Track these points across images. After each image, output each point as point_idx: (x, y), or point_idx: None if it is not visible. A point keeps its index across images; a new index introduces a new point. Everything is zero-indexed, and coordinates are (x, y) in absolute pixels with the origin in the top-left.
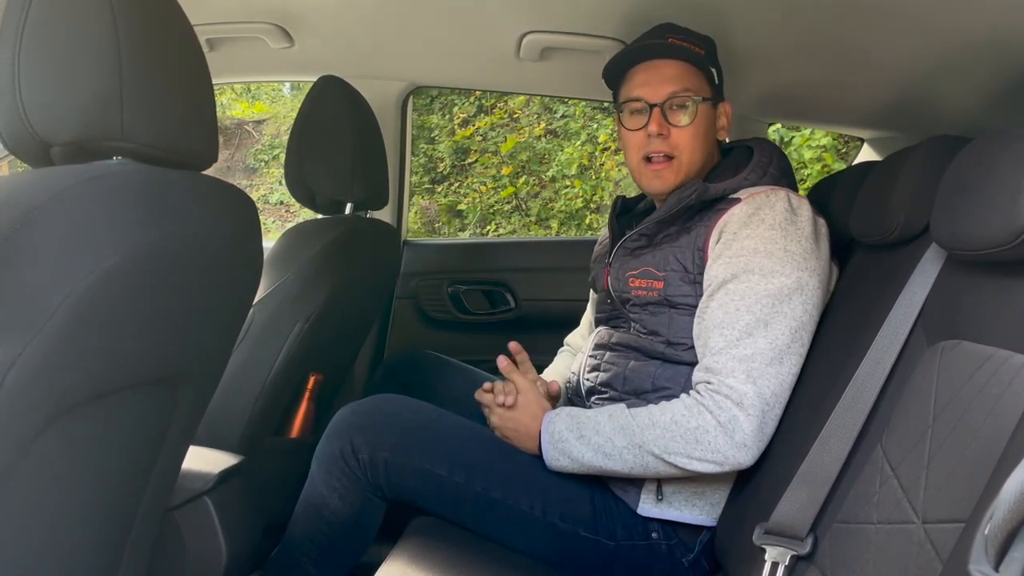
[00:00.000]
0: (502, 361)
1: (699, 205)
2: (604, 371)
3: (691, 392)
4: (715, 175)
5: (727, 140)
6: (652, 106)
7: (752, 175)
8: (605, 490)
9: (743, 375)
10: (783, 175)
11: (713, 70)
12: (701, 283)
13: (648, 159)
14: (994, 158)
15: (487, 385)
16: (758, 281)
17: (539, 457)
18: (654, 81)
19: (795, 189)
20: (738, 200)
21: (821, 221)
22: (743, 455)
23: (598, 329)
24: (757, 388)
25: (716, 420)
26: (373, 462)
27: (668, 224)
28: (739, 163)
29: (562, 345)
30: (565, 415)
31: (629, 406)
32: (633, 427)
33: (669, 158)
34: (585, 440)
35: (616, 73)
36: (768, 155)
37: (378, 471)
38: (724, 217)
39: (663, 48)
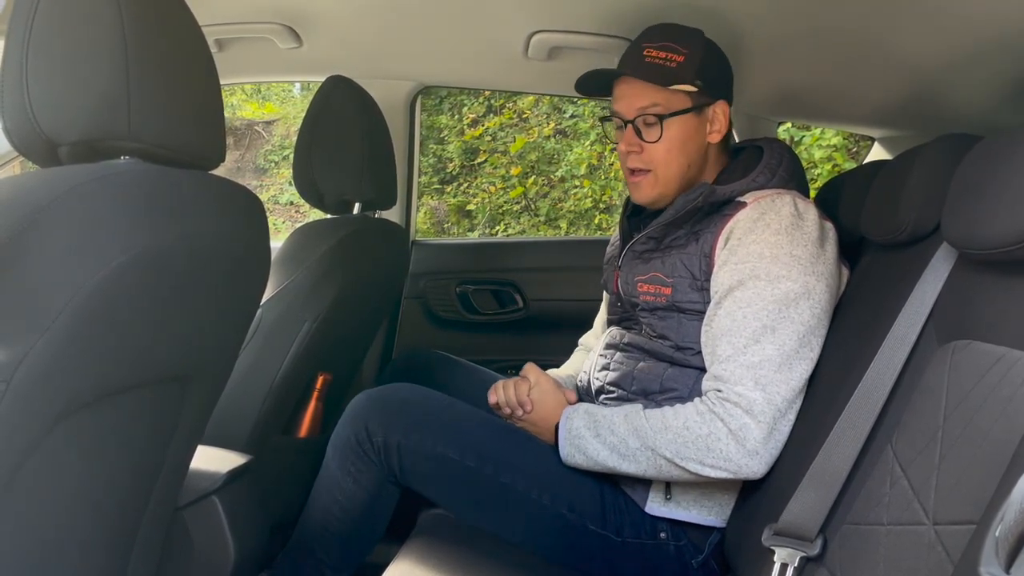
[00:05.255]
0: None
1: (707, 208)
2: (613, 371)
3: (703, 398)
4: (723, 177)
5: (735, 140)
6: (626, 122)
7: (760, 177)
8: (615, 487)
9: (751, 382)
10: (792, 177)
11: (697, 79)
12: (708, 290)
13: (631, 171)
14: (1005, 157)
15: (497, 385)
16: (764, 287)
17: (552, 448)
18: (627, 96)
19: (805, 190)
20: (744, 204)
21: (828, 225)
22: (755, 463)
23: (609, 329)
24: (766, 395)
25: (727, 428)
26: (387, 446)
27: (676, 227)
28: (749, 164)
29: (573, 344)
30: (583, 412)
31: (644, 407)
32: (647, 429)
33: (647, 171)
34: (601, 439)
35: (594, 90)
36: (778, 156)
37: (391, 455)
38: (730, 223)
39: (633, 66)
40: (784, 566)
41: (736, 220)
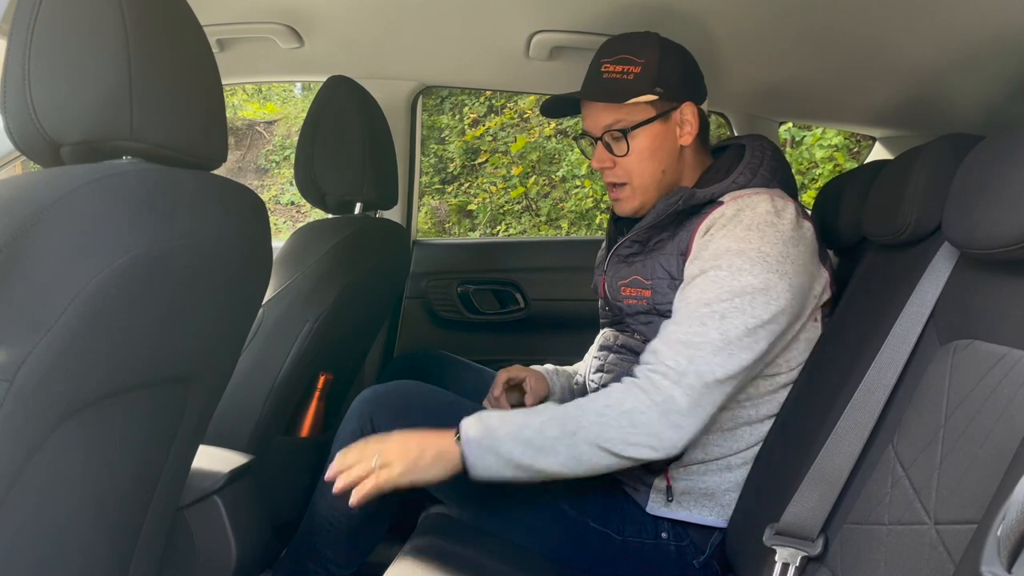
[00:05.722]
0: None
1: (689, 210)
2: (607, 372)
3: (629, 375)
4: (706, 178)
5: (733, 132)
6: (596, 140)
7: (741, 177)
8: (616, 486)
9: (685, 358)
10: (774, 175)
11: (656, 87)
12: None
13: (611, 185)
14: (1007, 156)
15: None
16: (724, 277)
17: None
18: (591, 116)
19: (790, 187)
20: (722, 203)
21: (808, 225)
22: (676, 435)
23: (603, 331)
24: (696, 368)
25: (650, 399)
26: None
27: (660, 230)
28: (731, 164)
29: (575, 344)
30: (487, 415)
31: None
32: (565, 417)
33: (623, 184)
34: (514, 436)
35: (563, 113)
36: (760, 155)
37: None
38: (707, 220)
39: (591, 86)
40: (786, 566)
41: (712, 218)
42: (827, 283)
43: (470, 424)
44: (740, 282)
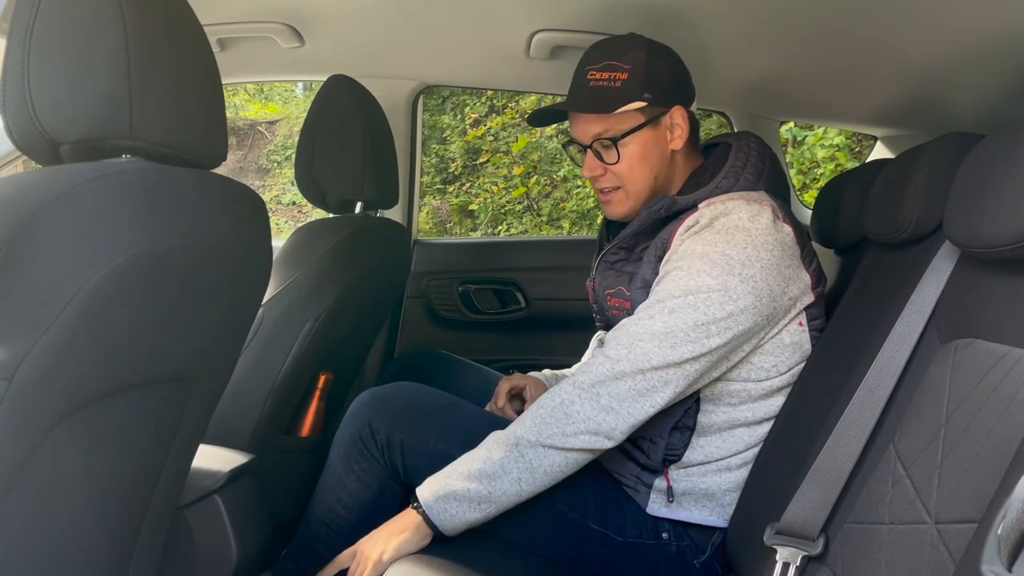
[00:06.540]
0: None
1: (671, 216)
2: None
3: None
4: (691, 182)
5: (733, 130)
6: (585, 148)
7: (725, 182)
8: (616, 487)
9: (625, 347)
10: (759, 176)
11: (645, 93)
12: None
13: (601, 191)
14: (1008, 155)
15: None
16: (682, 277)
17: None
18: (579, 125)
19: (777, 187)
20: (698, 209)
21: (787, 228)
22: (614, 419)
23: (598, 333)
24: (633, 355)
25: (580, 388)
26: (390, 443)
27: (645, 236)
28: (716, 167)
29: (575, 344)
30: (430, 479)
31: None
32: (506, 434)
33: (616, 188)
34: (464, 474)
35: (551, 121)
36: (744, 156)
37: (395, 453)
38: (683, 226)
39: (577, 96)
40: (786, 565)
41: (688, 224)
42: (808, 286)
43: (422, 487)
44: (696, 282)
